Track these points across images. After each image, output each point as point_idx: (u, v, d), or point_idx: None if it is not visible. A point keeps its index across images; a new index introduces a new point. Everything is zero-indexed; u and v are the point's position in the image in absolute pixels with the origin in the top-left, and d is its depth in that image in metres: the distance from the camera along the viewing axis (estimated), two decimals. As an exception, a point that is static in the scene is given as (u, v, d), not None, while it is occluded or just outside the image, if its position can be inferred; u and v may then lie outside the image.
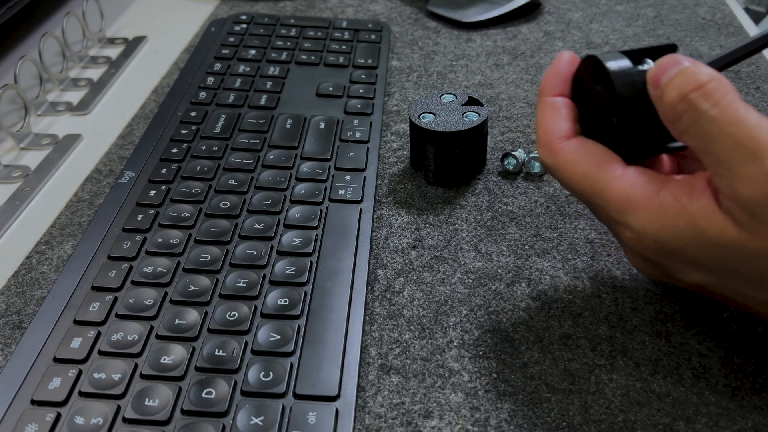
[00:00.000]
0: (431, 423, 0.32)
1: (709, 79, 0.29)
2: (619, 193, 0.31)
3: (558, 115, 0.34)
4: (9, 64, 0.60)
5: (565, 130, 0.33)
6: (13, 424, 0.31)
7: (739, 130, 0.27)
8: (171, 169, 0.46)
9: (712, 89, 0.28)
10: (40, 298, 0.39)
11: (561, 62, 0.34)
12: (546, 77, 0.35)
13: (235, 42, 0.60)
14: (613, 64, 0.32)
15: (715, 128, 0.28)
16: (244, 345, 0.34)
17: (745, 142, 0.27)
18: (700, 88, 0.29)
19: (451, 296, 0.39)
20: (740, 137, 0.27)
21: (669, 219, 0.29)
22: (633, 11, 0.67)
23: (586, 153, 0.32)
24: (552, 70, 0.34)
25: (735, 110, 0.28)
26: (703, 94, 0.29)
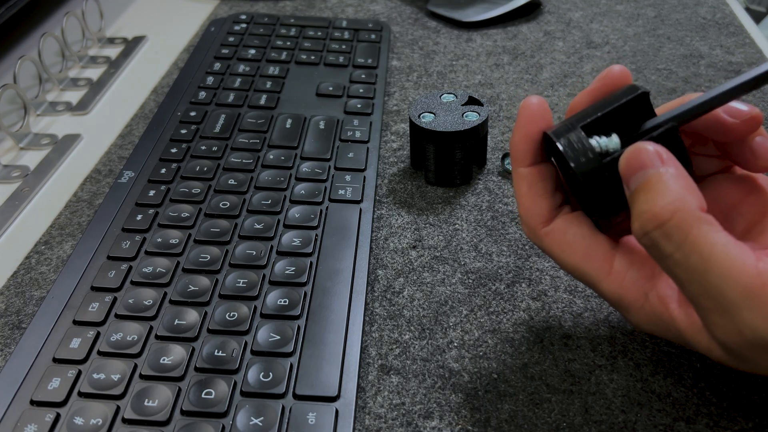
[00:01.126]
0: (431, 423, 0.32)
1: (670, 215, 0.26)
2: (611, 292, 0.30)
3: (534, 192, 0.32)
4: (8, 64, 0.59)
5: (545, 211, 0.32)
6: (12, 425, 0.31)
7: (705, 280, 0.25)
8: (170, 169, 0.46)
9: (673, 228, 0.26)
10: (39, 298, 0.39)
11: (527, 122, 0.32)
12: (515, 143, 0.32)
13: (234, 42, 0.60)
14: (564, 144, 0.30)
15: (680, 272, 0.26)
16: (244, 345, 0.34)
17: (713, 293, 0.25)
18: (661, 227, 0.26)
19: (452, 296, 0.38)
20: (707, 287, 0.26)
21: (661, 325, 0.29)
22: (633, 11, 0.67)
23: (570, 243, 0.31)
24: (519, 133, 0.32)
25: (700, 254, 0.25)
26: (664, 234, 0.26)
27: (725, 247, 0.25)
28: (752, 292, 0.25)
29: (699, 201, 0.27)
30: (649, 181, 0.27)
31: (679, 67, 0.58)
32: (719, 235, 0.26)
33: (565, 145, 0.30)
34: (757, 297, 0.25)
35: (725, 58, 0.59)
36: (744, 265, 0.25)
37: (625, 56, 0.60)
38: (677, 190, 0.26)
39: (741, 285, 0.25)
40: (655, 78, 0.56)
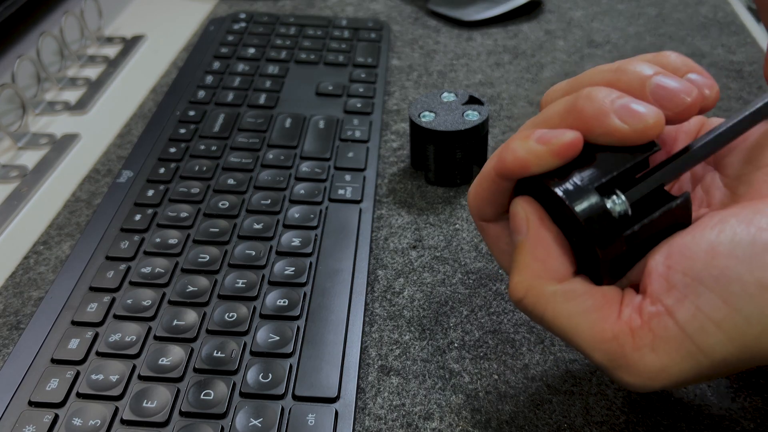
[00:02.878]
0: (432, 425, 0.32)
1: (524, 292, 0.27)
2: None
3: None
4: (7, 63, 0.59)
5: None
6: (10, 426, 0.31)
7: (577, 347, 0.27)
8: (169, 168, 0.45)
9: (529, 305, 0.27)
10: (37, 298, 0.39)
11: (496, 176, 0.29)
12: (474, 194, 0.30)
13: (234, 41, 0.60)
14: (583, 212, 0.26)
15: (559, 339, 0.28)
16: (243, 346, 0.34)
17: (589, 357, 0.27)
18: (520, 302, 0.28)
19: (452, 297, 0.38)
20: (583, 353, 0.27)
21: None
22: (635, 10, 0.66)
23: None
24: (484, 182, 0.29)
25: (561, 329, 0.27)
26: (525, 309, 0.28)
27: (581, 318, 0.26)
28: (613, 356, 0.25)
29: (556, 270, 0.27)
30: (516, 250, 0.28)
31: (680, 66, 0.57)
32: (575, 305, 0.26)
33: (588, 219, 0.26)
34: (619, 359, 0.25)
35: (727, 58, 0.58)
36: (602, 332, 0.26)
37: (627, 55, 0.59)
38: (531, 266, 0.27)
39: (603, 352, 0.26)
40: (656, 77, 0.56)
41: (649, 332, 0.25)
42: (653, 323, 0.25)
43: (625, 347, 0.25)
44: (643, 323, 0.25)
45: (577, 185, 0.26)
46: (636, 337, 0.25)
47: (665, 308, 0.25)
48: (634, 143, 0.27)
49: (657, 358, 0.25)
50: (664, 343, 0.25)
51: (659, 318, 0.25)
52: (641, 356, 0.25)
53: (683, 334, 0.24)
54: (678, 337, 0.24)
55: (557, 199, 0.26)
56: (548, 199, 0.27)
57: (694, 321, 0.24)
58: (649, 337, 0.25)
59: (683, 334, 0.24)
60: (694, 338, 0.24)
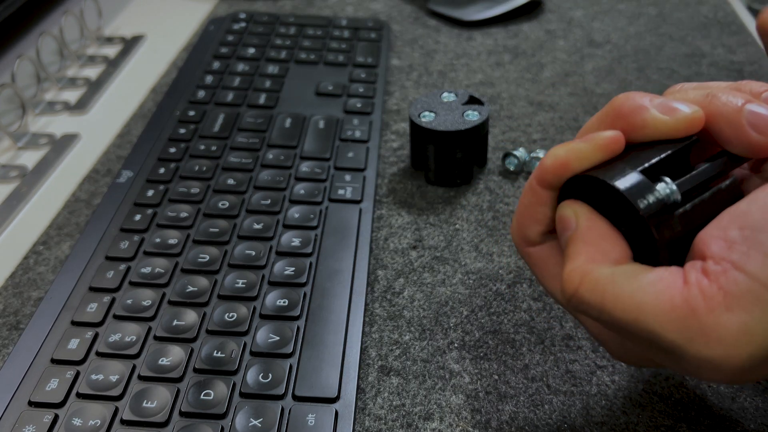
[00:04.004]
0: (432, 425, 0.32)
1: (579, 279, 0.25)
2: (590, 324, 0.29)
3: (531, 216, 0.29)
4: (6, 63, 0.59)
5: (534, 235, 0.29)
6: (10, 426, 0.30)
7: (642, 330, 0.24)
8: (169, 168, 0.45)
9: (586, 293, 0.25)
10: (37, 298, 0.39)
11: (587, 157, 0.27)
12: (517, 216, 0.29)
13: (234, 41, 0.60)
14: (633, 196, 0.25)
15: (618, 330, 0.25)
16: (243, 346, 0.34)
17: (656, 341, 0.24)
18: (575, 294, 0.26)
19: (452, 297, 0.38)
20: (649, 338, 0.24)
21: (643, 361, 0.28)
22: (635, 9, 0.66)
23: (547, 265, 0.29)
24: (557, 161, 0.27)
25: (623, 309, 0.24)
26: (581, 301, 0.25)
27: (645, 292, 0.24)
28: (687, 324, 0.23)
29: (612, 252, 0.25)
30: (566, 245, 0.27)
31: (681, 66, 0.57)
32: (638, 279, 0.24)
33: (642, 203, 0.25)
34: (691, 327, 0.23)
35: (727, 57, 0.58)
36: (670, 300, 0.23)
37: (627, 55, 0.59)
38: (584, 251, 0.26)
39: (674, 323, 0.23)
40: (657, 77, 0.56)
41: (720, 291, 0.22)
42: (722, 281, 0.23)
43: (698, 312, 0.23)
44: (712, 282, 0.23)
45: (625, 173, 0.26)
46: (708, 299, 0.23)
47: (732, 263, 0.23)
48: (675, 135, 0.26)
49: (735, 317, 0.22)
50: (738, 299, 0.22)
51: (727, 274, 0.23)
52: (716, 318, 0.22)
53: (758, 284, 0.22)
54: (753, 290, 0.22)
55: (607, 189, 0.25)
56: (596, 195, 0.27)
57: (766, 268, 0.22)
58: (720, 297, 0.22)
59: (758, 285, 0.22)
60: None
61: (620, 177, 0.25)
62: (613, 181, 0.25)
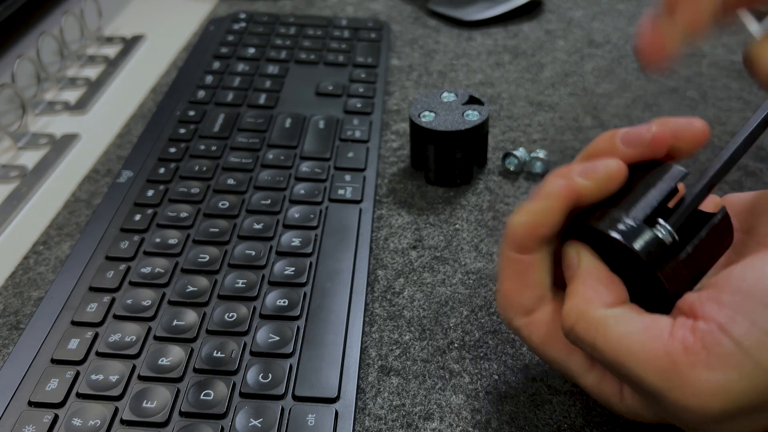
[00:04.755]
0: (432, 425, 0.32)
1: (576, 317, 0.27)
2: (592, 386, 0.29)
3: (523, 282, 0.29)
4: (6, 63, 0.59)
5: (530, 302, 0.29)
6: (10, 426, 0.30)
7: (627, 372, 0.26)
8: (169, 168, 0.45)
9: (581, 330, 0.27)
10: (37, 298, 0.39)
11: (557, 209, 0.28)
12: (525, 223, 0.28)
13: (234, 41, 0.60)
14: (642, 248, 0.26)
15: (607, 367, 0.27)
16: (243, 346, 0.34)
17: (639, 382, 0.26)
18: (572, 329, 0.27)
19: (452, 297, 0.38)
20: (632, 378, 0.26)
21: (643, 416, 0.28)
22: (635, 10, 0.66)
23: (553, 336, 0.29)
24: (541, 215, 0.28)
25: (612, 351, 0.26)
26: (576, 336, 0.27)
27: (632, 338, 0.25)
28: (667, 374, 0.24)
29: (608, 296, 0.27)
30: (568, 283, 0.28)
31: (681, 66, 0.58)
32: (627, 324, 0.26)
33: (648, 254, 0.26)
34: (672, 378, 0.24)
35: (727, 58, 0.58)
36: (654, 350, 0.25)
37: (627, 55, 0.59)
38: (582, 292, 0.27)
39: (656, 371, 0.25)
40: (657, 77, 0.56)
41: (703, 349, 0.24)
42: (707, 340, 0.24)
43: (678, 364, 0.24)
44: (697, 340, 0.24)
45: (626, 223, 0.27)
46: (690, 354, 0.24)
47: (718, 325, 0.24)
48: (606, 195, 0.28)
49: (714, 376, 0.24)
50: (720, 359, 0.23)
51: (713, 335, 0.24)
52: (696, 374, 0.24)
53: (739, 349, 0.23)
54: (734, 354, 0.23)
55: (610, 240, 0.27)
56: (596, 242, 0.28)
57: (750, 336, 0.23)
58: (703, 354, 0.24)
59: (739, 350, 0.23)
60: (752, 353, 0.23)
61: (628, 233, 0.27)
62: (624, 240, 0.27)
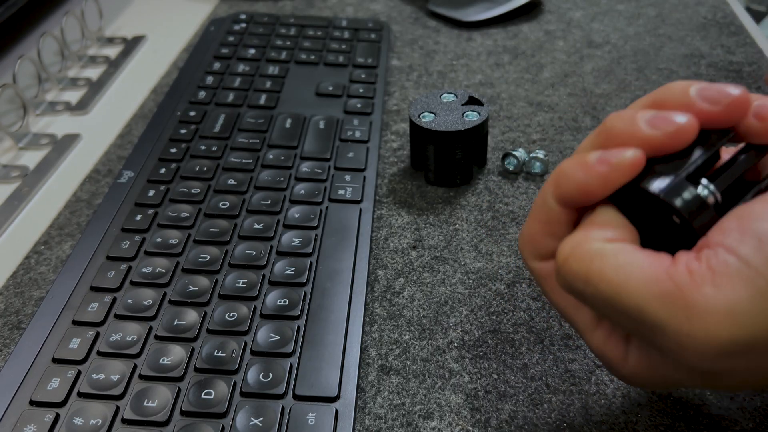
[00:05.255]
0: (431, 424, 0.32)
1: (569, 251, 0.25)
2: (596, 346, 0.28)
3: (550, 230, 0.28)
4: (7, 64, 0.59)
5: (547, 250, 0.28)
6: (11, 425, 0.31)
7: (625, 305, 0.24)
8: (170, 168, 0.45)
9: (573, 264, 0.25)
10: (38, 298, 0.39)
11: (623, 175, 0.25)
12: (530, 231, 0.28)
13: (234, 41, 0.60)
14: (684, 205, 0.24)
15: (602, 307, 0.25)
16: (244, 346, 0.34)
17: (638, 317, 0.24)
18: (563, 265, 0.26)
19: (452, 297, 0.38)
20: (631, 313, 0.24)
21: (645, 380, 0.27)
22: (634, 10, 0.66)
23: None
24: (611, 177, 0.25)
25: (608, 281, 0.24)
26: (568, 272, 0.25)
27: (631, 267, 0.24)
28: (670, 299, 0.22)
29: (611, 233, 0.25)
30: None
31: (680, 66, 0.58)
32: (625, 255, 0.24)
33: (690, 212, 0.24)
34: (675, 301, 0.22)
35: (726, 58, 0.58)
36: (655, 274, 0.23)
37: (626, 56, 0.59)
38: (586, 227, 0.26)
39: (657, 297, 0.23)
40: (656, 77, 0.56)
41: (709, 270, 0.22)
42: (712, 261, 0.22)
43: (683, 287, 0.22)
44: (702, 264, 0.22)
45: (668, 179, 0.25)
46: (694, 276, 0.22)
47: (725, 247, 0.22)
48: (671, 150, 0.25)
49: (721, 294, 0.22)
50: (728, 278, 0.22)
51: (718, 256, 0.22)
52: (702, 294, 0.22)
53: (748, 267, 0.22)
54: (743, 271, 0.22)
55: (649, 197, 0.25)
56: (629, 200, 0.26)
57: (759, 253, 0.22)
58: (709, 275, 0.22)
59: (748, 268, 0.22)
60: (761, 271, 0.21)
61: (669, 189, 0.25)
62: (664, 196, 0.25)
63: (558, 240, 0.28)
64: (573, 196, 0.26)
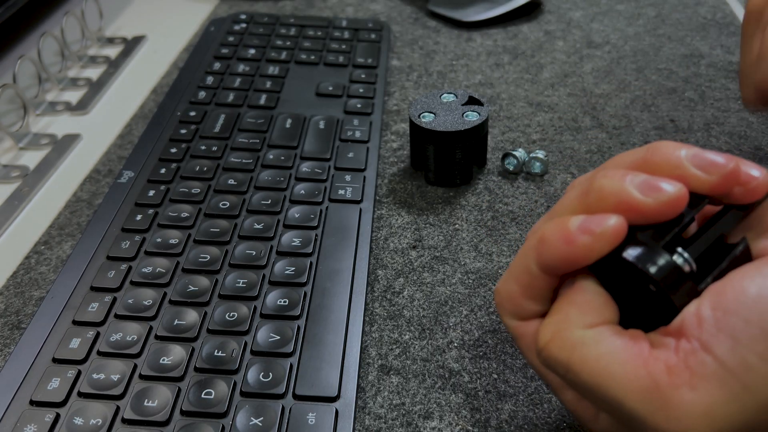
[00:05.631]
0: (431, 424, 0.32)
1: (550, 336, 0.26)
2: (569, 404, 0.28)
3: (530, 294, 0.27)
4: (8, 64, 0.59)
5: (526, 313, 0.28)
6: (12, 425, 0.31)
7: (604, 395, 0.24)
8: (170, 168, 0.45)
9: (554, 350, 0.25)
10: (39, 298, 0.39)
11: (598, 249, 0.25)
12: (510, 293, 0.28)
13: (234, 41, 0.60)
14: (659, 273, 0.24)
15: (582, 392, 0.25)
16: (244, 345, 0.34)
17: (618, 407, 0.24)
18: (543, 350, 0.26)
19: (452, 297, 0.38)
20: (610, 402, 0.24)
21: None
22: (634, 10, 0.66)
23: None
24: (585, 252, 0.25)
25: (589, 372, 0.24)
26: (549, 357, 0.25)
27: (611, 358, 0.24)
28: (649, 396, 0.23)
29: (591, 318, 0.25)
30: (556, 301, 0.27)
31: (679, 66, 0.58)
32: (604, 346, 0.24)
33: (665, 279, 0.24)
34: (654, 400, 0.23)
35: (726, 58, 0.58)
36: (635, 370, 0.23)
37: (626, 56, 0.59)
38: (565, 310, 0.26)
39: (637, 393, 0.23)
40: (656, 78, 0.56)
41: (686, 370, 0.23)
42: (690, 360, 0.23)
43: (661, 386, 0.23)
44: (679, 360, 0.23)
45: (645, 247, 0.25)
46: (672, 375, 0.23)
47: (701, 344, 0.23)
48: (659, 219, 0.25)
49: (698, 398, 0.22)
50: (704, 380, 0.22)
51: (696, 354, 0.23)
52: (680, 396, 0.22)
53: (724, 369, 0.22)
54: (719, 374, 0.22)
55: (626, 264, 0.25)
56: (607, 267, 0.26)
57: (734, 354, 0.22)
58: (686, 375, 0.22)
59: (724, 370, 0.22)
60: (737, 373, 0.22)
61: (644, 257, 0.25)
62: (640, 264, 0.24)
63: (537, 303, 0.28)
64: (556, 266, 0.26)
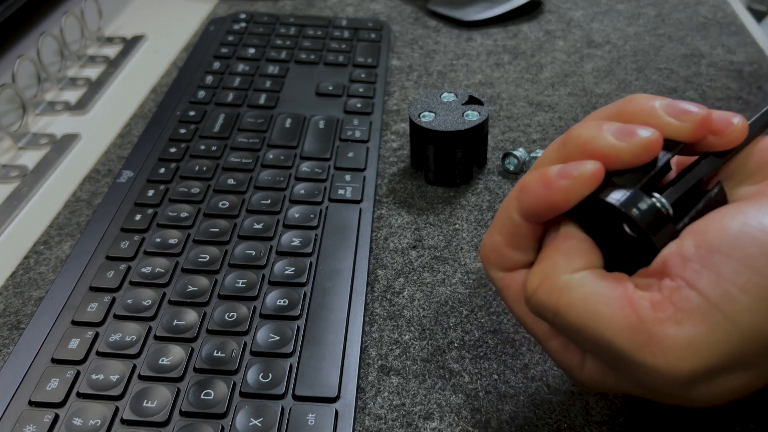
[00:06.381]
0: (432, 424, 0.32)
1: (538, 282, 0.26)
2: (555, 352, 0.29)
3: (515, 243, 0.28)
4: (7, 63, 0.59)
5: (511, 263, 0.29)
6: (11, 426, 0.31)
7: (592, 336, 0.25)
8: (169, 168, 0.45)
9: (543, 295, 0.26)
10: (38, 298, 0.39)
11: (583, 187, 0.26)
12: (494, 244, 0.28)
13: (234, 41, 0.60)
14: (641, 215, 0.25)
15: (572, 335, 0.26)
16: (243, 346, 0.34)
17: (606, 347, 0.25)
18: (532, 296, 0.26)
19: (452, 297, 0.38)
20: (599, 343, 0.25)
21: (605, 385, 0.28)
22: (634, 10, 0.66)
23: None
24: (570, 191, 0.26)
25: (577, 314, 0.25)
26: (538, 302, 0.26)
27: (597, 298, 0.25)
28: (635, 332, 0.24)
29: (577, 263, 0.26)
30: (542, 250, 0.28)
31: (680, 66, 0.58)
32: (590, 287, 0.25)
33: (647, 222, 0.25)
34: (640, 336, 0.24)
35: (726, 58, 0.58)
36: (621, 308, 0.24)
37: (626, 56, 0.59)
38: (553, 257, 0.26)
39: (623, 329, 0.24)
40: (656, 77, 0.56)
41: (671, 306, 0.23)
42: (674, 297, 0.23)
43: (646, 322, 0.23)
44: (664, 297, 0.24)
45: (625, 190, 0.25)
46: (657, 310, 0.24)
47: (685, 281, 0.24)
48: (634, 163, 0.26)
49: (682, 330, 0.23)
50: (687, 314, 0.23)
51: (680, 291, 0.23)
52: (665, 330, 0.23)
53: (707, 302, 0.23)
54: (702, 307, 0.23)
55: (607, 208, 0.25)
56: (588, 213, 0.26)
57: (717, 288, 0.23)
58: (671, 311, 0.23)
59: (707, 303, 0.23)
60: (719, 305, 0.23)
61: (626, 200, 0.25)
62: (622, 207, 0.25)
63: (522, 252, 0.28)
64: (536, 211, 0.27)
